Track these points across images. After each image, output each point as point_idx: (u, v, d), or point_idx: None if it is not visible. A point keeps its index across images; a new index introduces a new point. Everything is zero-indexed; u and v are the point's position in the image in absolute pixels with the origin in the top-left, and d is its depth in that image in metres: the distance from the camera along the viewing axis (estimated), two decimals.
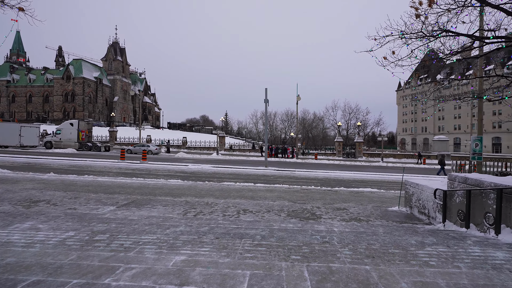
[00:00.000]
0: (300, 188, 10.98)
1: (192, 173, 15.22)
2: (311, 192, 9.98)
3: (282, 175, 15.93)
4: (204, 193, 9.00)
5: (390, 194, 10.38)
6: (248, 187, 10.76)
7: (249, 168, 18.52)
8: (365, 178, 15.61)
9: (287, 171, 17.66)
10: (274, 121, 72.53)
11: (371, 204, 8.13)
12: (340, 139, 38.29)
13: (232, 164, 22.08)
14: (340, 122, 44.27)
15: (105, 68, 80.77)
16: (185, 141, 41.06)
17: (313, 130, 68.80)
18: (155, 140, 41.63)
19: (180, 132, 68.13)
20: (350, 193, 10.14)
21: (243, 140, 63.60)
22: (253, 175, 15.33)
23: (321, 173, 17.24)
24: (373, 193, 10.38)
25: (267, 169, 18.09)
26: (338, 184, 13.06)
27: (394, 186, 13.06)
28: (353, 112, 58.05)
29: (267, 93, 18.89)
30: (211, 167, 18.11)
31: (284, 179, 14.28)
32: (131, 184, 10.33)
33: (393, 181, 15.03)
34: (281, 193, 9.48)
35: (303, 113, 72.90)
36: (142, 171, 15.60)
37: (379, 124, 58.11)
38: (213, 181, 12.68)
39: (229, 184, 11.21)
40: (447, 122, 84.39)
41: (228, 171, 16.81)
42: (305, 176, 15.62)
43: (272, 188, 10.58)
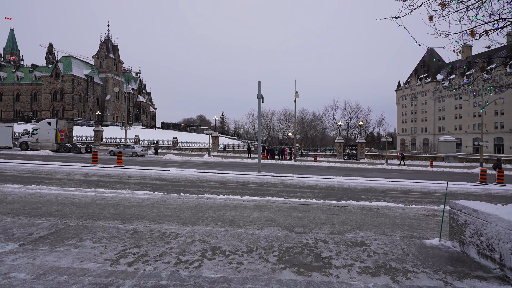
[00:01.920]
0: (298, 203, 8.67)
1: (170, 181, 12.88)
2: (313, 210, 7.68)
3: (277, 182, 13.62)
4: (169, 214, 6.68)
5: (413, 211, 8.10)
6: (232, 202, 8.43)
7: (240, 174, 16.20)
8: (374, 186, 13.33)
9: (283, 177, 15.35)
10: (271, 121, 70.22)
11: (397, 232, 5.84)
12: (341, 139, 36.06)
13: (222, 168, 19.75)
14: (340, 121, 42.00)
15: (97, 66, 78.00)
16: (175, 142, 38.62)
17: (312, 130, 66.51)
18: (143, 141, 39.16)
19: (174, 132, 65.64)
20: (363, 211, 7.84)
21: (239, 140, 61.27)
22: (243, 183, 13.01)
23: (322, 180, 14.95)
24: (391, 210, 8.09)
25: (260, 175, 15.78)
26: (345, 196, 10.77)
27: (412, 198, 10.79)
28: (353, 111, 55.93)
29: (260, 87, 16.60)
30: (196, 172, 15.76)
31: (279, 189, 11.97)
32: (79, 200, 7.97)
33: (407, 189, 12.77)
34: (273, 213, 7.16)
35: (302, 113, 70.72)
36: (110, 178, 13.22)
37: (381, 124, 56.00)
38: (192, 192, 10.35)
39: (209, 198, 8.88)
40: (448, 122, 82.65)
41: (214, 177, 14.48)
42: (304, 184, 13.32)
43: (262, 204, 8.26)
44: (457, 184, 14.87)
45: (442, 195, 11.78)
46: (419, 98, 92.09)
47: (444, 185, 14.54)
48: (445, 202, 5.72)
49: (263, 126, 71.15)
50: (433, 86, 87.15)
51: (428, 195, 11.56)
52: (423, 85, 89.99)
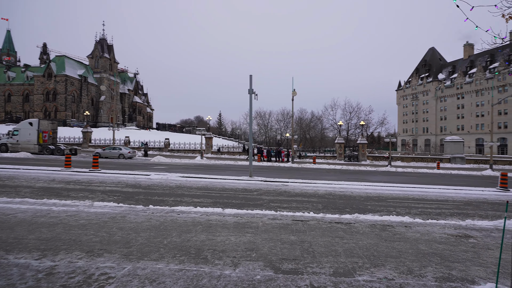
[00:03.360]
0: (292, 218, 6.96)
1: (146, 188, 11.16)
2: (310, 229, 5.98)
3: (269, 189, 11.91)
4: (118, 239, 4.99)
5: (437, 230, 6.40)
6: (209, 218, 6.73)
7: (230, 178, 14.49)
8: (381, 193, 11.62)
9: (277, 183, 13.65)
10: (269, 121, 68.45)
11: (427, 269, 4.14)
12: (341, 140, 34.36)
13: (212, 171, 18.04)
14: (341, 121, 40.33)
15: (91, 66, 76.17)
16: (167, 143, 36.87)
17: (311, 130, 64.71)
18: (134, 142, 37.43)
19: (169, 134, 63.90)
20: (373, 230, 6.14)
21: (235, 141, 59.62)
22: (230, 191, 11.29)
23: (322, 185, 13.25)
24: (409, 229, 6.39)
25: (252, 180, 14.08)
26: (349, 206, 9.06)
27: (429, 208, 9.09)
28: (354, 111, 54.22)
29: (251, 82, 14.90)
30: (180, 177, 14.05)
31: (271, 197, 10.26)
32: (12, 217, 6.27)
33: (420, 197, 11.07)
34: (256, 235, 5.46)
35: (300, 113, 68.97)
36: (78, 184, 11.50)
37: (384, 124, 54.27)
38: (165, 203, 8.65)
39: (182, 212, 7.17)
40: (450, 122, 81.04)
41: (199, 183, 12.77)
42: (301, 191, 11.61)
43: (246, 221, 6.55)
44: (474, 190, 13.17)
45: (462, 204, 10.10)
46: (420, 98, 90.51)
47: (460, 191, 12.86)
48: (504, 223, 3.99)
49: (260, 126, 69.50)
50: (434, 86, 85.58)
51: (446, 205, 9.86)
52: (425, 85, 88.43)
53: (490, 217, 8.32)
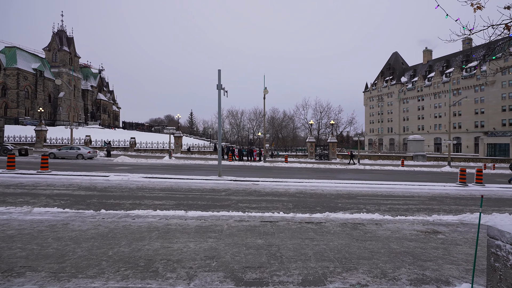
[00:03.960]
0: (261, 219, 6.50)
1: (102, 191, 10.09)
2: (278, 231, 5.54)
3: (239, 188, 11.37)
4: (50, 253, 4.17)
5: (406, 227, 6.28)
6: (169, 222, 6.04)
7: (198, 178, 13.73)
8: (351, 191, 11.59)
9: (247, 182, 13.16)
10: (241, 120, 67.77)
11: (401, 270, 3.86)
12: (312, 139, 34.78)
13: (179, 171, 17.10)
14: (312, 120, 40.92)
15: (49, 60, 70.06)
16: (133, 143, 34.76)
17: (283, 130, 65.18)
18: (96, 142, 34.83)
19: (137, 133, 60.87)
20: (344, 229, 5.86)
21: (207, 141, 58.29)
22: (196, 191, 10.59)
23: (293, 184, 12.98)
24: (380, 226, 6.21)
25: (221, 180, 13.44)
26: (319, 205, 8.80)
27: (397, 205, 9.11)
28: (324, 110, 55.44)
29: (220, 77, 14.23)
30: (143, 178, 13.02)
31: (240, 197, 9.74)
32: None
33: (388, 193, 11.18)
34: (219, 240, 4.89)
35: (273, 112, 69.16)
36: (19, 188, 10.11)
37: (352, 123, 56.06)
38: (121, 207, 7.77)
39: (138, 217, 6.40)
40: (411, 123, 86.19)
41: (163, 184, 11.88)
42: (272, 190, 11.21)
43: (209, 224, 5.96)
44: (437, 186, 13.70)
45: (427, 199, 10.33)
46: (385, 100, 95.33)
47: (424, 186, 13.29)
48: (479, 220, 3.80)
49: (233, 126, 68.68)
50: (398, 88, 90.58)
51: (412, 200, 10.01)
52: (389, 87, 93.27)
53: (454, 211, 8.51)
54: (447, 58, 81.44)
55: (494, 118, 65.06)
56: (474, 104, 69.29)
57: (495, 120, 64.92)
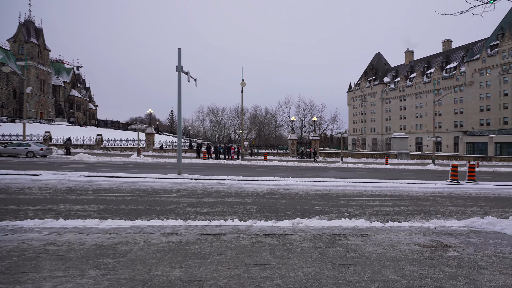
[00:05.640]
0: (201, 231, 4.60)
1: (12, 193, 7.84)
2: (218, 252, 3.64)
3: (197, 189, 9.38)
4: None
5: (402, 238, 4.56)
6: (53, 241, 4.01)
7: (153, 177, 11.60)
8: (332, 190, 9.86)
9: (211, 180, 11.18)
10: (222, 117, 65.14)
11: None
12: (294, 136, 33.20)
13: (139, 170, 14.87)
14: (294, 117, 39.43)
15: (14, 52, 64.74)
16: (99, 140, 31.82)
17: (265, 128, 63.32)
18: (57, 139, 31.64)
19: (111, 131, 57.38)
20: (317, 246, 4.04)
21: (187, 139, 55.62)
22: (142, 192, 8.51)
23: (265, 182, 11.12)
24: (367, 239, 4.44)
25: (180, 178, 11.39)
26: (291, 207, 6.96)
27: (386, 206, 7.42)
28: (307, 108, 54.15)
29: (180, 57, 12.14)
30: (84, 177, 10.76)
31: (193, 200, 7.76)
32: None
33: (374, 193, 9.53)
34: (108, 275, 2.89)
35: (255, 110, 66.99)
36: None
37: (335, 121, 55.08)
38: (16, 215, 5.61)
39: (14, 232, 4.29)
40: (394, 122, 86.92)
41: (105, 183, 9.72)
42: (237, 191, 9.29)
43: (115, 243, 3.98)
44: (427, 183, 12.25)
45: (419, 199, 8.75)
46: (368, 100, 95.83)
47: (413, 185, 11.80)
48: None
49: (213, 124, 66.16)
50: (380, 88, 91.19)
51: (403, 201, 8.38)
52: (372, 87, 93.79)
53: (455, 214, 6.91)
54: (428, 59, 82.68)
55: (473, 118, 66.27)
56: (453, 104, 70.45)
57: (473, 120, 66.13)
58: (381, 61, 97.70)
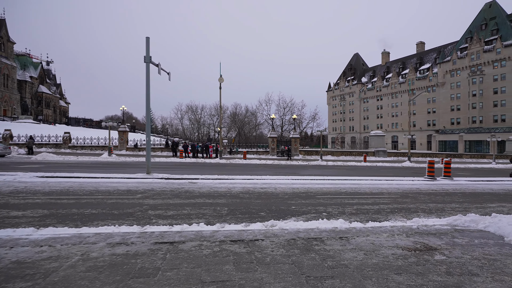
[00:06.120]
0: (157, 239, 3.91)
1: None
2: (171, 267, 2.97)
3: (166, 189, 8.61)
4: None
5: (383, 241, 4.14)
6: (7, 252, 3.12)
7: (119, 177, 10.64)
8: (310, 188, 9.44)
9: (183, 180, 10.42)
10: (201, 115, 63.63)
11: None
12: (274, 134, 32.86)
13: (107, 169, 13.77)
14: (273, 115, 39.14)
15: None
16: (67, 138, 29.73)
17: (246, 126, 62.69)
18: (18, 137, 29.20)
19: (83, 129, 54.38)
20: (291, 254, 3.50)
21: (165, 138, 53.87)
22: (101, 194, 7.64)
23: (241, 181, 10.53)
24: (346, 243, 3.98)
25: (149, 178, 10.53)
26: (266, 209, 6.40)
27: (365, 205, 7.05)
28: (288, 106, 54.13)
29: (149, 46, 11.21)
30: (37, 178, 9.64)
31: (159, 201, 7.02)
32: None
33: (353, 190, 9.20)
34: None
35: (235, 108, 66.12)
36: None
37: (315, 119, 55.36)
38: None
39: None
40: (371, 121, 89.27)
41: (62, 185, 8.72)
42: (209, 191, 8.63)
43: (68, 253, 3.19)
44: (405, 180, 12.19)
45: (399, 196, 8.50)
46: (347, 99, 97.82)
47: (391, 181, 11.67)
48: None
49: (192, 122, 64.52)
50: (358, 88, 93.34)
51: (382, 198, 8.08)
52: (350, 87, 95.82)
53: (435, 212, 6.66)
54: (403, 60, 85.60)
55: (444, 117, 69.36)
56: (427, 104, 73.36)
57: (445, 119, 69.21)
58: (359, 62, 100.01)
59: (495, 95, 59.52)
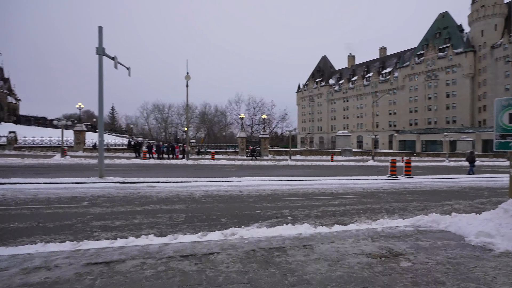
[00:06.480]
0: (91, 258, 3.25)
1: None
2: None
3: (119, 194, 7.79)
4: None
5: (351, 250, 3.90)
6: None
7: (69, 182, 9.52)
8: (277, 190, 9.14)
9: (141, 184, 9.60)
10: (168, 115, 61.11)
11: None
12: (243, 134, 32.43)
13: (56, 173, 12.38)
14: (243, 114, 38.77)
15: None
16: (13, 138, 26.65)
17: (215, 126, 61.54)
18: None
19: (36, 129, 49.69)
20: (248, 269, 3.07)
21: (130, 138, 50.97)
22: (39, 202, 6.69)
23: (205, 184, 9.96)
24: (311, 253, 3.67)
25: (101, 183, 9.55)
26: (228, 214, 5.94)
27: (332, 206, 6.88)
28: (258, 106, 54.10)
29: (102, 37, 10.14)
30: None
31: (108, 209, 6.25)
32: None
33: (320, 191, 9.07)
34: None
35: (204, 107, 64.49)
36: None
37: (285, 119, 56.05)
38: None
39: None
40: (338, 122, 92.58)
41: (2, 194, 7.48)
42: (168, 195, 7.99)
43: None
44: (369, 179, 12.44)
45: (363, 196, 8.51)
46: (316, 100, 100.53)
47: (357, 181, 11.82)
48: None
49: (159, 121, 61.92)
50: (326, 90, 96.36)
51: (348, 199, 8.00)
52: (319, 88, 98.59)
53: (398, 211, 6.67)
54: (367, 64, 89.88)
55: (404, 118, 73.98)
56: (388, 106, 77.71)
57: (404, 120, 73.83)
58: (327, 64, 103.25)
59: (447, 98, 64.70)
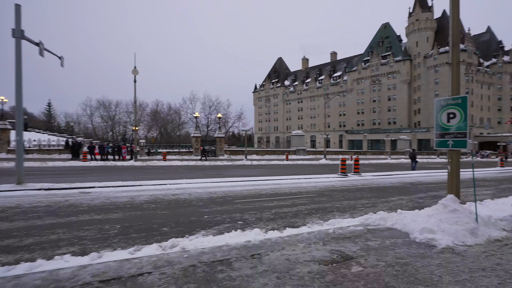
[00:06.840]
0: None
1: None
2: None
3: (40, 205, 6.60)
4: None
5: (302, 256, 3.61)
6: None
7: None
8: (229, 192, 8.69)
9: (71, 190, 8.36)
10: (116, 112, 56.28)
11: None
12: (197, 133, 31.30)
13: None
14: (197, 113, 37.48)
15: None
16: None
17: (169, 125, 58.65)
18: None
19: None
20: None
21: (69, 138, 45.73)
22: None
23: (150, 189, 9.09)
24: (258, 264, 3.27)
25: (19, 191, 8.05)
26: (172, 222, 5.32)
27: (284, 207, 6.66)
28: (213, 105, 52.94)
29: (20, 16, 8.51)
30: None
31: (21, 224, 5.18)
32: None
33: (273, 191, 8.87)
34: None
35: (156, 105, 60.98)
36: None
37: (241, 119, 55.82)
38: None
39: None
40: (293, 122, 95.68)
41: None
42: (104, 202, 7.03)
43: None
44: (321, 178, 12.71)
45: (316, 195, 8.52)
46: (272, 101, 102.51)
47: (310, 179, 11.96)
48: None
49: (105, 119, 56.83)
50: (282, 91, 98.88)
51: (300, 199, 7.91)
52: (275, 89, 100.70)
53: (348, 210, 6.72)
54: (320, 67, 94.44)
55: (352, 119, 79.37)
56: (338, 107, 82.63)
57: (352, 121, 79.23)
58: (282, 66, 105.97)
59: (389, 101, 71.07)
